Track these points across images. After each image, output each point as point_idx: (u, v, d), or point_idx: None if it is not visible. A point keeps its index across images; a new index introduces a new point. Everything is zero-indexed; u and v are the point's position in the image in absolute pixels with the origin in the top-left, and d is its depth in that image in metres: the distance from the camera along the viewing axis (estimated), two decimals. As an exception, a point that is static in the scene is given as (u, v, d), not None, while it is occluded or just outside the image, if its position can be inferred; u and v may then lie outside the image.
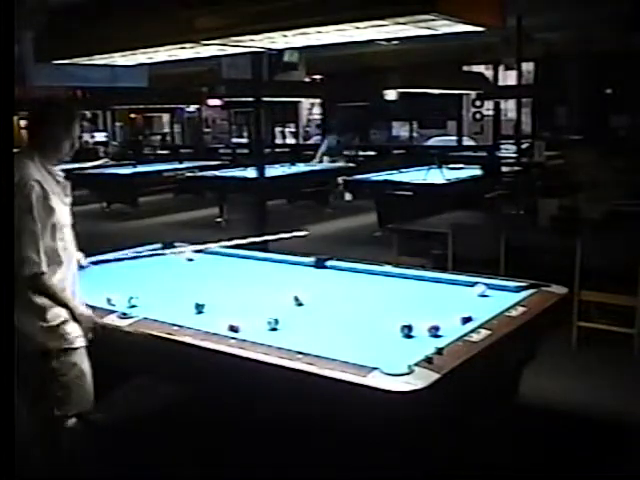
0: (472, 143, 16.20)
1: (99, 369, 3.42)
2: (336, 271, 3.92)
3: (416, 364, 2.33)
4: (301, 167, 11.55)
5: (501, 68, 13.94)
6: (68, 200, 2.84)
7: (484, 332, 2.66)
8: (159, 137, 21.17)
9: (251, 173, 7.63)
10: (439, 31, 3.07)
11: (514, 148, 10.79)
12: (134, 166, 12.59)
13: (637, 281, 4.39)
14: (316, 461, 2.81)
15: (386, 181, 8.85)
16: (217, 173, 10.92)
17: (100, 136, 19.23)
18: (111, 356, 3.16)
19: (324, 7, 2.85)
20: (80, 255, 3.10)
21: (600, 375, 4.26)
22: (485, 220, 6.40)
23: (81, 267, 3.09)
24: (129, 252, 3.84)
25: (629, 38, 9.41)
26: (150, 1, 3.50)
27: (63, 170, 2.86)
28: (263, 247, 4.56)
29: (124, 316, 3.01)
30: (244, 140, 18.56)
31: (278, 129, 18.44)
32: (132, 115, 20.06)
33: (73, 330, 2.75)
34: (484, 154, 12.62)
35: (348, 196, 11.45)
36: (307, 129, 21.46)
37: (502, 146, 13.41)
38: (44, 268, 2.70)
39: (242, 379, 2.60)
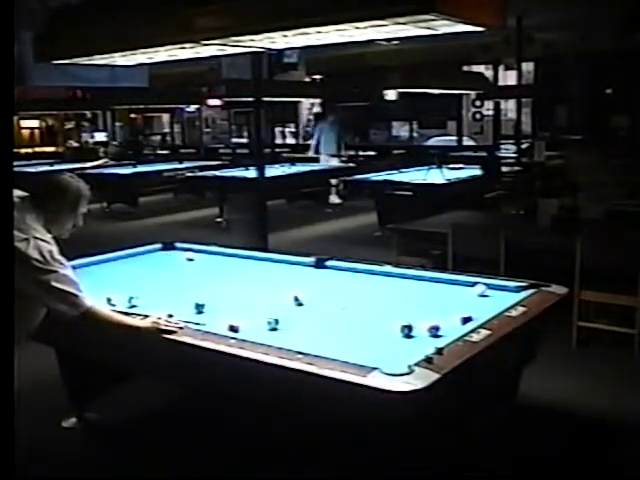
0: (472, 143, 16.19)
1: (99, 369, 3.44)
2: (336, 271, 3.92)
3: (416, 364, 2.33)
4: (301, 167, 11.55)
5: (501, 68, 13.96)
6: None
7: (484, 332, 2.66)
8: (159, 137, 21.16)
9: (251, 173, 7.62)
10: (439, 31, 3.06)
11: (514, 148, 10.81)
12: (134, 166, 12.58)
13: (637, 281, 4.39)
14: (316, 461, 2.81)
15: (386, 181, 8.84)
16: (217, 173, 10.92)
17: (100, 136, 19.22)
18: (111, 355, 3.17)
19: (324, 7, 2.85)
20: None
21: (600, 375, 4.26)
22: (485, 220, 6.40)
23: None
24: None
25: (629, 38, 9.41)
26: (150, 1, 3.50)
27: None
28: (263, 247, 4.57)
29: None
30: (244, 140, 18.56)
31: (278, 129, 18.42)
32: (132, 115, 20.05)
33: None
34: (484, 154, 12.61)
35: (333, 198, 11.35)
36: (307, 129, 21.45)
37: (502, 146, 13.41)
38: (88, 302, 2.72)
39: (242, 379, 2.60)
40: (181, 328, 2.81)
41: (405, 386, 2.19)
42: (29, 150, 18.27)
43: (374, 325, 2.94)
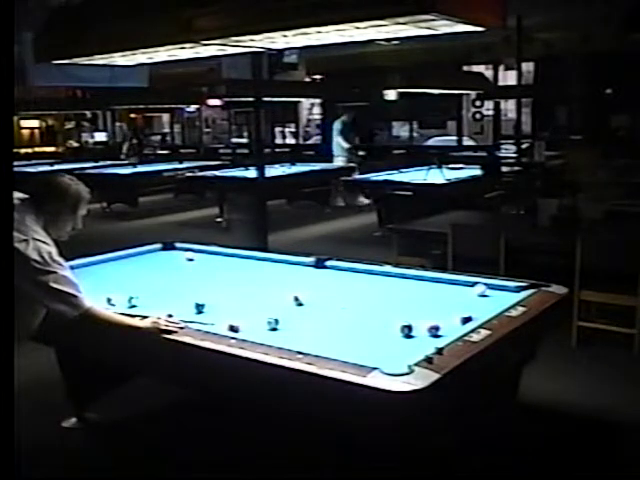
0: (472, 143, 16.19)
1: (99, 369, 3.44)
2: (336, 271, 3.92)
3: (416, 364, 2.33)
4: (301, 167, 11.55)
5: (501, 68, 13.96)
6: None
7: (484, 332, 2.66)
8: (159, 137, 21.18)
9: (251, 173, 7.62)
10: (439, 31, 3.07)
11: (514, 148, 10.79)
12: (134, 166, 12.59)
13: (637, 281, 4.39)
14: (316, 461, 2.81)
15: (386, 181, 8.84)
16: (217, 173, 10.93)
17: (100, 136, 19.22)
18: (111, 355, 3.17)
19: (324, 7, 2.85)
20: None
21: (600, 375, 4.26)
22: (485, 220, 6.40)
23: None
24: None
25: (629, 38, 9.40)
26: (150, 1, 3.50)
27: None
28: (263, 247, 4.57)
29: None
30: (244, 140, 18.56)
31: (278, 129, 18.43)
32: (132, 115, 20.07)
33: None
34: (484, 154, 12.61)
35: (335, 199, 11.23)
36: (307, 129, 21.45)
37: (502, 146, 13.41)
38: (87, 303, 2.72)
39: (242, 379, 2.60)
40: (181, 328, 2.81)
41: (405, 386, 2.19)
42: (29, 150, 18.28)
43: (374, 325, 2.94)
